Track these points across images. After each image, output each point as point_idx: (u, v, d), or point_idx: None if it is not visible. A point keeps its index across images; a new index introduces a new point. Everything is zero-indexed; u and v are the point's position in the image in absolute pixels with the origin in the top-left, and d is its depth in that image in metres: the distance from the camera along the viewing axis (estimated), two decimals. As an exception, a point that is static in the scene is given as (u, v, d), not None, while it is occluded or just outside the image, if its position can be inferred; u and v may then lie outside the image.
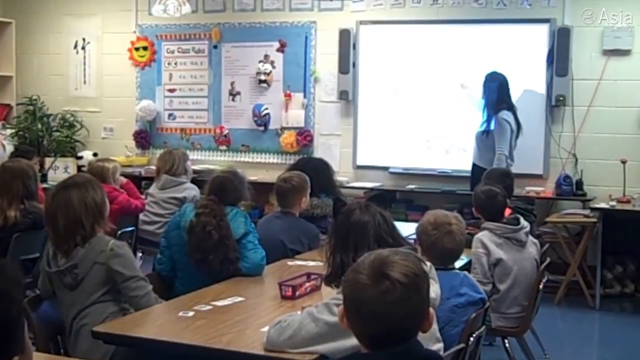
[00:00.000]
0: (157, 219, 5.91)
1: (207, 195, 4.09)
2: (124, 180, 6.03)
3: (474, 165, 6.58)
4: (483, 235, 4.37)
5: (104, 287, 3.34)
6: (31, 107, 8.78)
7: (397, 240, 2.90)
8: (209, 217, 3.88)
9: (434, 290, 2.78)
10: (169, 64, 8.48)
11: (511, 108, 6.48)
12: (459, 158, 7.21)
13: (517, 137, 6.48)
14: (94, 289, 3.33)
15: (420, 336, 1.89)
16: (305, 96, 7.91)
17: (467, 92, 7.08)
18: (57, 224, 3.35)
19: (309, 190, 4.63)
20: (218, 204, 3.95)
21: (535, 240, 4.62)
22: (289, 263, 4.17)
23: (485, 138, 6.43)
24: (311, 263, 3.99)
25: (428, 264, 2.89)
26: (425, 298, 1.87)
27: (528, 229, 4.49)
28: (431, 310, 1.89)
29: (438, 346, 2.78)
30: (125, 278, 3.31)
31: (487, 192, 4.58)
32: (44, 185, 6.98)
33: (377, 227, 2.88)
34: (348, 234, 2.88)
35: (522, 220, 4.48)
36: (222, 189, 4.05)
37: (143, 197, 6.14)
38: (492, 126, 6.41)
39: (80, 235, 3.33)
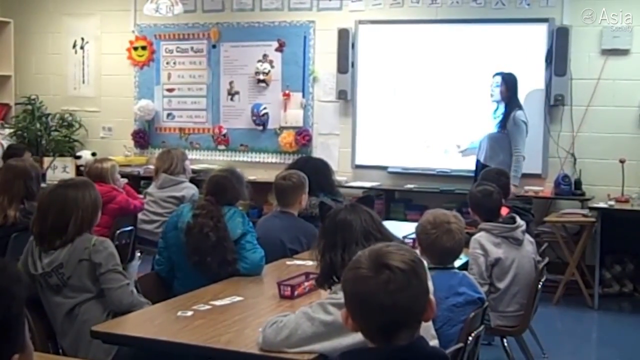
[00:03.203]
0: (156, 218, 5.91)
1: (204, 196, 4.07)
2: (123, 181, 6.03)
3: (482, 165, 6.51)
4: (480, 236, 4.37)
5: (96, 283, 3.37)
6: (30, 107, 8.78)
7: (385, 235, 2.90)
8: (206, 218, 3.86)
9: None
10: (167, 63, 8.48)
11: (521, 107, 6.52)
12: (458, 158, 7.21)
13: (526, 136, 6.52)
14: (84, 285, 3.36)
15: None
16: (304, 96, 7.91)
17: (463, 153, 7.10)
18: (47, 219, 3.41)
19: (307, 189, 4.62)
20: (215, 205, 3.93)
21: (532, 239, 4.62)
22: (288, 263, 4.16)
23: (501, 137, 6.43)
24: (310, 263, 3.97)
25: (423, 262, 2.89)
26: (425, 284, 1.90)
27: (524, 227, 4.49)
28: (432, 297, 1.91)
29: (433, 343, 2.78)
30: (104, 271, 3.37)
31: (483, 191, 4.58)
32: (43, 185, 6.98)
33: (363, 224, 2.89)
34: (335, 233, 2.89)
35: (517, 218, 4.48)
36: (220, 188, 4.03)
37: (142, 197, 6.13)
38: (507, 125, 6.41)
39: (64, 235, 3.37)
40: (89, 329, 3.20)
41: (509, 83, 6.54)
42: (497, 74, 6.65)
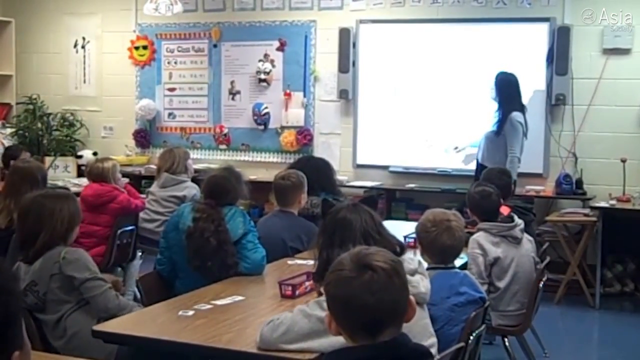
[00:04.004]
0: (157, 217, 5.91)
1: (203, 198, 4.06)
2: (125, 181, 6.04)
3: (481, 165, 6.51)
4: (479, 236, 4.37)
5: (72, 294, 3.36)
6: (31, 106, 8.78)
7: (384, 237, 2.90)
8: (207, 222, 3.86)
9: (424, 285, 2.80)
10: (168, 63, 8.48)
11: (522, 109, 6.49)
12: (459, 157, 7.21)
13: (525, 138, 6.49)
14: (61, 298, 3.35)
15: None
16: (305, 95, 7.91)
17: (462, 153, 7.09)
18: (23, 226, 3.42)
19: (306, 188, 4.63)
20: (215, 208, 3.92)
21: (530, 238, 4.63)
22: (289, 262, 4.17)
23: (496, 138, 6.42)
24: (311, 262, 3.97)
25: (417, 260, 2.91)
26: (405, 284, 1.93)
27: (522, 225, 4.49)
28: (411, 297, 1.93)
29: (432, 340, 2.79)
30: (80, 281, 3.34)
31: (481, 192, 4.58)
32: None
33: (363, 224, 2.89)
34: (334, 230, 2.90)
35: (515, 217, 4.49)
36: (220, 190, 4.01)
37: (143, 196, 6.14)
38: (504, 127, 6.41)
39: (40, 243, 3.34)
40: (80, 340, 3.22)
41: (497, 84, 6.51)
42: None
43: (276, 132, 8.01)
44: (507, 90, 6.46)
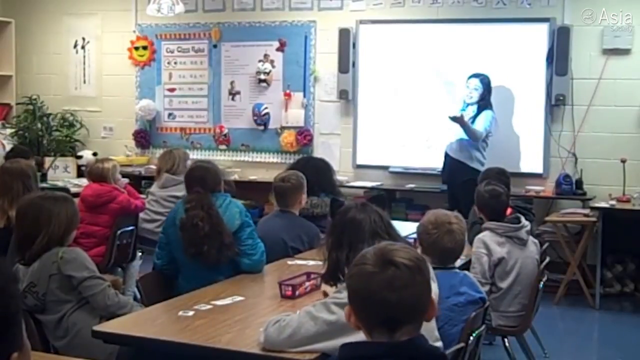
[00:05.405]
0: (157, 217, 5.91)
1: (189, 192, 4.10)
2: (125, 182, 6.04)
3: (451, 159, 6.68)
4: (484, 236, 4.38)
5: (71, 293, 3.36)
6: (31, 107, 8.78)
7: (394, 237, 2.91)
8: (197, 209, 3.91)
9: (433, 289, 2.79)
10: (168, 63, 8.48)
11: (492, 108, 6.61)
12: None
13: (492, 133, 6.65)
14: (61, 298, 3.34)
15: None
16: (305, 95, 7.91)
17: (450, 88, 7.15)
18: (21, 228, 3.43)
19: (306, 189, 4.63)
20: (204, 194, 3.97)
21: (535, 240, 4.63)
22: (289, 262, 4.17)
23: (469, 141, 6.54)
24: (311, 262, 3.99)
25: (427, 263, 2.90)
26: (428, 282, 1.91)
27: (529, 227, 4.50)
28: (434, 297, 1.92)
29: (438, 344, 2.78)
30: (79, 280, 3.34)
31: (491, 192, 4.58)
32: (44, 185, 6.98)
33: (372, 224, 2.89)
34: (343, 231, 2.90)
35: (522, 219, 4.49)
36: (198, 178, 4.07)
37: (143, 196, 6.14)
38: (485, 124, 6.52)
39: (37, 245, 3.34)
40: (82, 339, 3.21)
41: (485, 87, 6.61)
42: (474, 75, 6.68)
43: (276, 133, 8.01)
44: (490, 92, 6.60)
